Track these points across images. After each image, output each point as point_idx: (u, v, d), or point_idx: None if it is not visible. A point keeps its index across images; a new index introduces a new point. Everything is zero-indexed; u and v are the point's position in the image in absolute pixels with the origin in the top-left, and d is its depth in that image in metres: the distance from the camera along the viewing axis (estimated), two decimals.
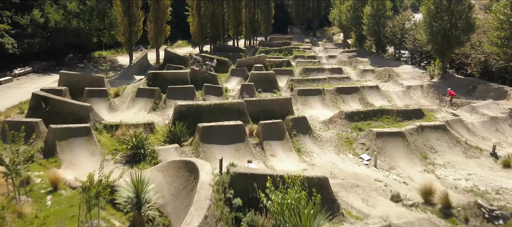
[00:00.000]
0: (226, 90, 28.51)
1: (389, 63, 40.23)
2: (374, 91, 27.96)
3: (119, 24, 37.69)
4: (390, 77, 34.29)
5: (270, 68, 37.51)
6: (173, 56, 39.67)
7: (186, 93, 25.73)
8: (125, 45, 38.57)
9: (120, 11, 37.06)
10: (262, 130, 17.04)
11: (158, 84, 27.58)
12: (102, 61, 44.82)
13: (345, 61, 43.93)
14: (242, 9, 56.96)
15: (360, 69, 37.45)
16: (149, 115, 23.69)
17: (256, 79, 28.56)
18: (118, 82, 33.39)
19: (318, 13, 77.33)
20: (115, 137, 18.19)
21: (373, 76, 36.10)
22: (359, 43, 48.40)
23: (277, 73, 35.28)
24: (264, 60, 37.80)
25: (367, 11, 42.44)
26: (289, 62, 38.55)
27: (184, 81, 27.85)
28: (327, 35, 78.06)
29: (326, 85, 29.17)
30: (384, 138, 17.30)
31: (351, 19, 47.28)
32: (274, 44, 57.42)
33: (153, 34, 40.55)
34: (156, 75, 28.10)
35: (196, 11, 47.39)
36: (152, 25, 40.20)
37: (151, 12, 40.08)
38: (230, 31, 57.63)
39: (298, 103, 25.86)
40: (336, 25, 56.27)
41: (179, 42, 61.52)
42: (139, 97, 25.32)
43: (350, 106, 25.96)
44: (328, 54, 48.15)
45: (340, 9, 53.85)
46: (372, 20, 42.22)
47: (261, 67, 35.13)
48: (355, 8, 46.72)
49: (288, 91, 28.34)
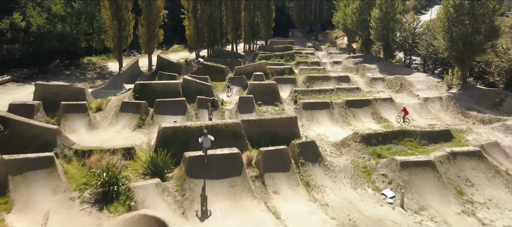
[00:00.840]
0: (223, 103, 25.54)
1: (400, 70, 37.25)
2: (387, 104, 24.99)
3: (108, 29, 34.77)
4: (402, 86, 31.33)
5: (271, 76, 34.60)
6: (166, 62, 36.77)
7: (176, 107, 22.80)
8: (114, 51, 35.64)
9: (108, 14, 34.15)
10: (263, 159, 14.06)
11: (146, 96, 24.63)
12: (91, 67, 41.86)
13: (351, 68, 40.99)
14: (241, 12, 54.12)
15: (368, 78, 34.48)
16: (134, 134, 20.75)
17: (256, 91, 25.59)
18: (105, 93, 30.44)
19: (320, 16, 74.49)
20: (87, 165, 15.22)
21: (383, 85, 33.14)
22: (366, 48, 45.48)
23: (279, 82, 32.36)
24: (265, 68, 34.86)
25: (375, 14, 39.54)
26: (291, 69, 35.59)
27: (175, 93, 24.90)
28: (330, 38, 75.18)
29: (334, 97, 26.18)
30: (410, 169, 14.31)
31: (357, 23, 44.40)
32: (275, 49, 54.45)
33: (145, 39, 37.64)
34: (144, 86, 25.12)
35: (192, 14, 44.49)
36: (144, 29, 37.29)
37: (143, 16, 37.19)
38: (228, 35, 54.75)
39: (303, 119, 22.90)
40: (341, 28, 53.39)
41: (175, 46, 58.61)
42: (124, 112, 22.39)
43: (361, 122, 23.03)
44: (332, 60, 45.22)
45: (344, 12, 50.98)
46: (381, 23, 39.31)
47: (261, 75, 32.20)
48: (362, 10, 43.83)
49: (292, 104, 25.37)
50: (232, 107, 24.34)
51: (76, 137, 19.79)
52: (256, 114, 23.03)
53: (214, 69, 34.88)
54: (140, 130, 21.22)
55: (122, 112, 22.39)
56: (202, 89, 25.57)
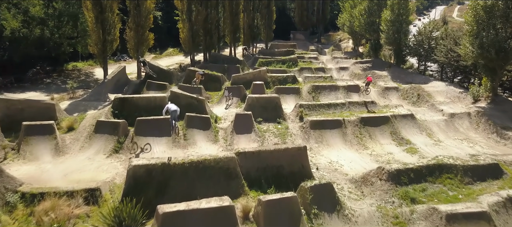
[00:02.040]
0: (216, 120, 22.00)
1: (414, 78, 33.73)
2: (408, 121, 21.45)
3: (91, 32, 31.26)
4: (419, 98, 27.82)
5: (272, 85, 31.09)
6: (156, 70, 33.25)
7: (161, 127, 19.25)
8: (98, 57, 32.10)
9: (91, 16, 30.63)
10: (265, 212, 10.54)
11: (127, 113, 21.10)
12: (75, 75, 38.38)
13: (360, 75, 37.46)
14: (240, 14, 50.64)
15: (381, 87, 30.96)
16: (108, 161, 17.23)
17: (256, 106, 22.05)
18: (84, 106, 26.96)
19: (323, 18, 71.03)
20: (35, 215, 11.71)
21: (397, 95, 29.65)
22: (374, 53, 41.98)
23: (281, 92, 28.91)
24: (265, 76, 31.35)
25: (386, 16, 36.04)
26: (294, 78, 32.07)
27: (161, 109, 21.37)
28: (333, 41, 71.70)
29: (346, 112, 22.65)
30: (458, 224, 10.79)
31: (365, 25, 40.91)
32: (276, 53, 50.91)
33: (133, 43, 34.11)
34: (124, 101, 21.56)
35: (186, 15, 40.97)
36: (132, 33, 33.76)
37: (131, 18, 33.67)
38: (226, 38, 51.26)
39: (311, 140, 19.38)
40: (346, 31, 49.91)
41: (170, 50, 55.17)
42: (98, 134, 18.84)
43: (379, 144, 19.52)
44: (338, 66, 41.73)
45: (351, 14, 47.47)
46: (392, 26, 35.82)
47: (261, 85, 28.68)
48: (370, 12, 40.34)
49: (297, 121, 21.81)
50: (227, 126, 20.79)
51: (37, 166, 16.34)
52: (255, 134, 19.52)
53: (208, 78, 31.35)
54: (116, 156, 17.71)
55: (97, 133, 18.86)
56: (192, 104, 22.04)
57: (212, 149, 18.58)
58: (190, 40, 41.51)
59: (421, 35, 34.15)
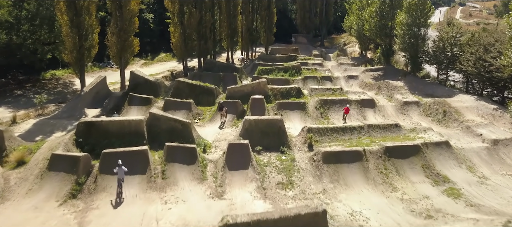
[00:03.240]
0: (205, 149, 17.84)
1: (435, 90, 29.63)
2: (443, 151, 17.34)
3: (65, 38, 27.14)
4: (446, 115, 23.72)
5: (273, 99, 27.00)
6: (141, 80, 29.14)
7: (134, 162, 15.18)
8: (74, 66, 27.97)
9: (65, 19, 26.54)
10: None
11: (94, 141, 17.01)
12: (53, 84, 34.26)
13: (371, 85, 33.37)
14: (238, 16, 46.61)
15: (398, 101, 26.86)
16: (60, 212, 13.13)
17: (254, 131, 17.91)
18: (52, 126, 22.84)
19: (326, 20, 66.95)
20: None
21: (418, 111, 25.57)
22: (386, 59, 37.91)
23: (284, 108, 24.88)
24: (265, 88, 27.23)
25: (402, 19, 31.95)
26: (299, 90, 27.94)
27: (137, 135, 17.27)
28: (337, 45, 67.67)
29: (365, 138, 18.50)
30: None
31: (375, 29, 36.86)
32: (277, 58, 46.84)
33: (116, 50, 29.98)
34: (91, 126, 17.40)
35: (178, 18, 36.88)
36: (114, 38, 29.64)
37: (113, 21, 29.57)
38: (223, 42, 47.21)
39: (325, 178, 15.28)
40: (354, 35, 45.86)
41: (162, 55, 51.03)
42: (53, 171, 14.76)
43: (410, 183, 15.41)
44: (346, 74, 37.63)
45: (358, 16, 43.41)
46: (408, 30, 31.76)
47: (261, 100, 24.56)
48: (382, 14, 36.27)
49: (305, 150, 17.67)
50: (218, 157, 16.65)
51: None
52: (253, 170, 15.40)
53: (200, 91, 27.24)
54: (72, 203, 13.64)
55: (51, 171, 14.77)
56: (176, 128, 17.92)
57: (198, 191, 14.48)
58: (183, 45, 37.40)
59: (442, 41, 30.06)
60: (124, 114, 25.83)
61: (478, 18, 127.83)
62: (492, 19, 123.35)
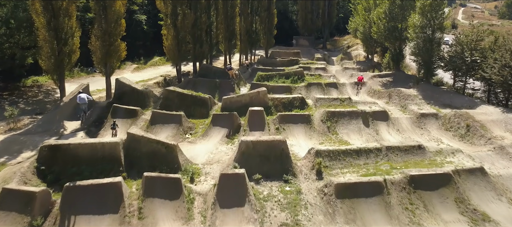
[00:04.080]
0: (193, 177, 14.95)
1: (453, 99, 26.78)
2: (478, 180, 14.48)
3: (41, 42, 24.30)
4: (469, 130, 20.89)
5: (274, 110, 24.15)
6: (127, 89, 26.29)
7: (105, 197, 12.32)
8: (52, 73, 25.12)
9: (42, 22, 23.72)
10: None
11: (60, 169, 14.14)
12: (33, 93, 31.40)
13: (381, 93, 30.54)
14: (236, 17, 43.78)
15: (414, 112, 24.03)
16: None
17: (252, 156, 15.03)
18: (22, 144, 19.94)
19: (329, 21, 64.16)
20: None
21: (437, 125, 22.74)
22: (396, 64, 35.08)
23: (287, 121, 22.08)
24: (265, 99, 24.38)
25: (415, 21, 29.13)
26: (303, 100, 25.09)
27: (111, 162, 14.39)
28: (340, 47, 64.94)
29: (383, 163, 15.63)
30: None
31: (384, 31, 34.04)
32: (278, 63, 44.14)
33: (100, 55, 27.14)
34: (57, 151, 14.48)
35: (170, 20, 34.06)
36: (99, 42, 26.81)
37: (96, 24, 26.74)
38: (220, 45, 44.37)
39: (339, 217, 12.45)
40: (359, 37, 43.06)
41: (156, 59, 48.19)
42: (3, 211, 11.86)
43: (442, 222, 12.54)
44: (353, 80, 34.78)
45: (365, 18, 40.62)
46: (422, 33, 28.95)
47: (260, 113, 21.73)
48: (392, 16, 33.45)
49: (312, 177, 14.82)
50: (208, 190, 13.77)
51: None
52: (250, 207, 12.54)
53: (192, 101, 24.39)
54: None
55: (1, 210, 11.90)
56: (159, 152, 15.07)
57: None
58: (176, 49, 34.57)
59: (460, 45, 27.22)
60: (106, 128, 23.04)
61: (481, 19, 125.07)
62: (495, 20, 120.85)
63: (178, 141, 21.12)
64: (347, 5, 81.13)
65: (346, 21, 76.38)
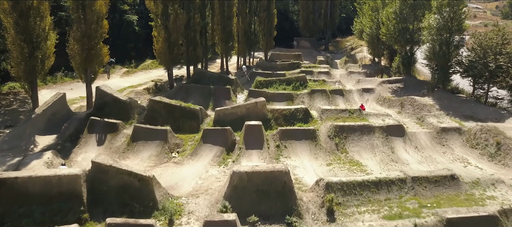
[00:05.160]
0: (173, 219, 11.97)
1: (475, 110, 23.86)
2: None
3: (10, 46, 21.37)
4: (500, 148, 17.98)
5: (273, 124, 21.23)
6: (109, 99, 23.31)
7: None
8: (23, 81, 22.20)
9: (10, 22, 20.81)
10: None
11: (5, 209, 11.21)
12: (7, 101, 28.46)
13: (392, 101, 27.61)
14: (233, 18, 40.86)
15: (433, 126, 21.12)
16: None
17: (247, 189, 12.08)
18: None
19: (332, 22, 61.19)
20: None
21: (461, 141, 19.85)
22: (407, 69, 32.15)
23: (289, 137, 19.24)
24: (264, 111, 21.43)
25: (431, 22, 26.21)
26: (306, 112, 22.16)
27: (71, 199, 11.47)
28: (343, 49, 61.96)
29: (409, 200, 12.67)
30: None
31: (394, 33, 31.11)
32: (278, 66, 41.23)
33: (80, 60, 24.21)
34: (1, 186, 11.53)
35: (161, 21, 31.14)
36: (77, 46, 23.87)
37: (75, 25, 23.79)
38: (216, 48, 41.46)
39: None
40: (365, 39, 40.14)
41: (148, 62, 45.21)
42: None
43: None
44: (360, 87, 31.83)
45: (372, 18, 37.69)
46: (438, 35, 26.02)
47: (257, 128, 18.83)
48: (404, 17, 30.51)
49: (322, 217, 11.88)
50: None
51: None
52: None
53: (181, 113, 21.43)
54: None
55: None
56: (131, 186, 12.11)
57: None
58: (167, 52, 31.65)
59: (482, 49, 24.31)
60: (81, 145, 20.13)
61: (484, 19, 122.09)
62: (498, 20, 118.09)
63: (162, 161, 18.34)
64: (349, 5, 78.39)
65: (348, 21, 73.38)
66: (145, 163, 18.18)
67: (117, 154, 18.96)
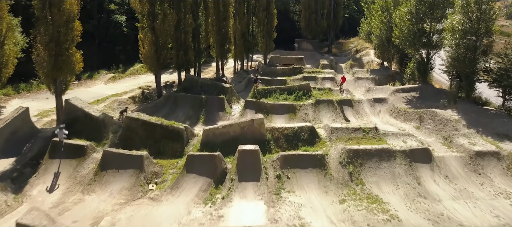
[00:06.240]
0: None
1: (511, 127, 20.37)
2: None
3: None
4: None
5: (273, 147, 17.73)
6: (80, 114, 19.78)
7: None
8: None
9: None
10: None
11: None
12: None
13: (408, 114, 24.10)
14: (230, 18, 37.38)
15: (464, 148, 17.62)
16: None
17: None
18: None
19: (335, 23, 57.71)
20: None
21: (500, 170, 16.42)
22: (423, 76, 28.65)
23: (292, 165, 15.93)
24: (262, 130, 17.90)
25: (455, 24, 22.72)
26: (312, 131, 18.62)
27: None
28: (346, 51, 58.44)
29: None
30: None
31: (409, 36, 27.60)
32: (278, 71, 37.76)
33: (47, 68, 20.68)
34: None
35: (147, 22, 27.65)
36: (45, 52, 20.35)
37: (42, 28, 20.24)
38: (211, 51, 38.00)
39: None
40: (374, 42, 36.56)
41: (137, 66, 41.73)
42: None
43: None
44: (371, 96, 28.30)
45: (381, 19, 34.17)
46: (463, 39, 22.55)
47: (253, 154, 15.35)
48: (420, 17, 27.03)
49: None
50: None
51: None
52: None
53: (162, 134, 17.86)
54: None
55: None
56: None
57: None
58: (154, 56, 28.16)
59: None
60: (40, 174, 16.62)
61: None
62: (502, 21, 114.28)
63: (136, 196, 14.85)
64: (352, 5, 74.87)
65: (351, 22, 69.98)
66: (115, 198, 14.70)
67: (81, 186, 15.47)
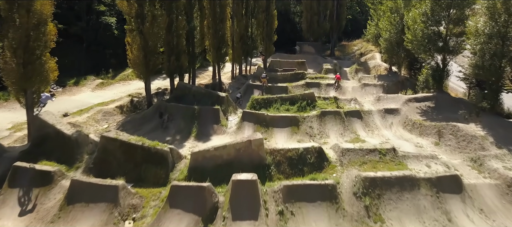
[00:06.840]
0: None
1: None
2: None
3: None
4: None
5: (274, 173, 15.06)
6: (51, 132, 17.07)
7: None
8: None
9: None
10: None
11: None
12: None
13: (424, 127, 21.43)
14: (227, 20, 34.77)
15: (499, 174, 15.02)
16: None
17: None
18: None
19: (338, 25, 55.07)
20: None
21: None
22: (438, 84, 25.99)
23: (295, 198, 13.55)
24: (261, 152, 15.20)
25: (479, 27, 20.09)
26: (321, 153, 15.94)
27: None
28: (350, 54, 55.73)
29: None
30: None
31: (423, 40, 24.97)
32: (279, 77, 35.08)
33: (16, 77, 18.04)
34: None
35: (135, 24, 25.03)
36: (14, 59, 17.72)
37: (10, 32, 17.62)
38: (208, 55, 35.39)
39: None
40: (383, 45, 33.83)
41: (128, 72, 38.92)
42: None
43: None
44: (381, 106, 25.61)
45: (391, 21, 31.49)
46: (488, 44, 19.91)
47: (251, 185, 12.73)
48: (435, 19, 24.40)
49: None
50: None
51: None
52: None
53: (143, 157, 15.15)
54: None
55: None
56: None
57: None
58: (143, 62, 25.59)
59: None
60: None
61: None
62: None
63: None
64: (355, 6, 72.26)
65: (354, 23, 67.33)
66: None
67: (43, 224, 12.82)
